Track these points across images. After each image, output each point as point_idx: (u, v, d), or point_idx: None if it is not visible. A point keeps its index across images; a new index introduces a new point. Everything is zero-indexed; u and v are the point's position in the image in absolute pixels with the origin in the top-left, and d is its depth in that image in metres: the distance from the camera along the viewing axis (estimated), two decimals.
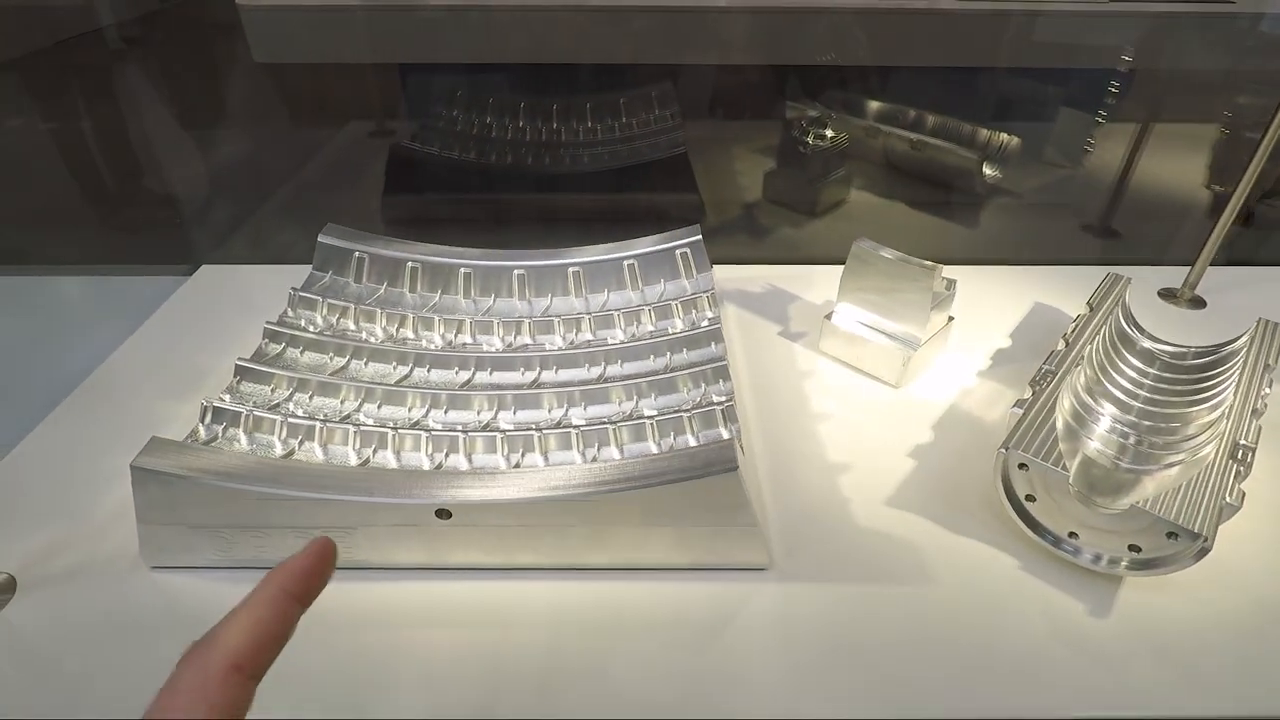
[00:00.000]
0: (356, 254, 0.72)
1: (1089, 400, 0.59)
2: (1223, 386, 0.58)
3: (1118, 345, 0.66)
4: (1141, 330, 0.70)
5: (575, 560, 0.50)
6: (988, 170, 1.06)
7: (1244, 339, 0.64)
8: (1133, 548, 0.48)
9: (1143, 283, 0.86)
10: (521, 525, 0.48)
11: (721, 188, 1.08)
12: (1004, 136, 1.08)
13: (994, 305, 0.81)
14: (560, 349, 0.66)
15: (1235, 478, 0.49)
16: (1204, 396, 0.59)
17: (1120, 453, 0.56)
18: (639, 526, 0.48)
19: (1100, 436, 0.57)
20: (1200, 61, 1.07)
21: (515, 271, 0.73)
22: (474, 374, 0.64)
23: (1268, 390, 0.57)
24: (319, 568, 0.28)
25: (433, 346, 0.66)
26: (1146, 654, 0.46)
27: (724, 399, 0.58)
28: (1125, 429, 0.58)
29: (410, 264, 0.72)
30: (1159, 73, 1.04)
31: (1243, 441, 0.51)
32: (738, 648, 0.46)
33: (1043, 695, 0.44)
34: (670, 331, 0.66)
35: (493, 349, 0.67)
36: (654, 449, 0.56)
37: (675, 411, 0.56)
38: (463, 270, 0.73)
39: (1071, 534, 0.51)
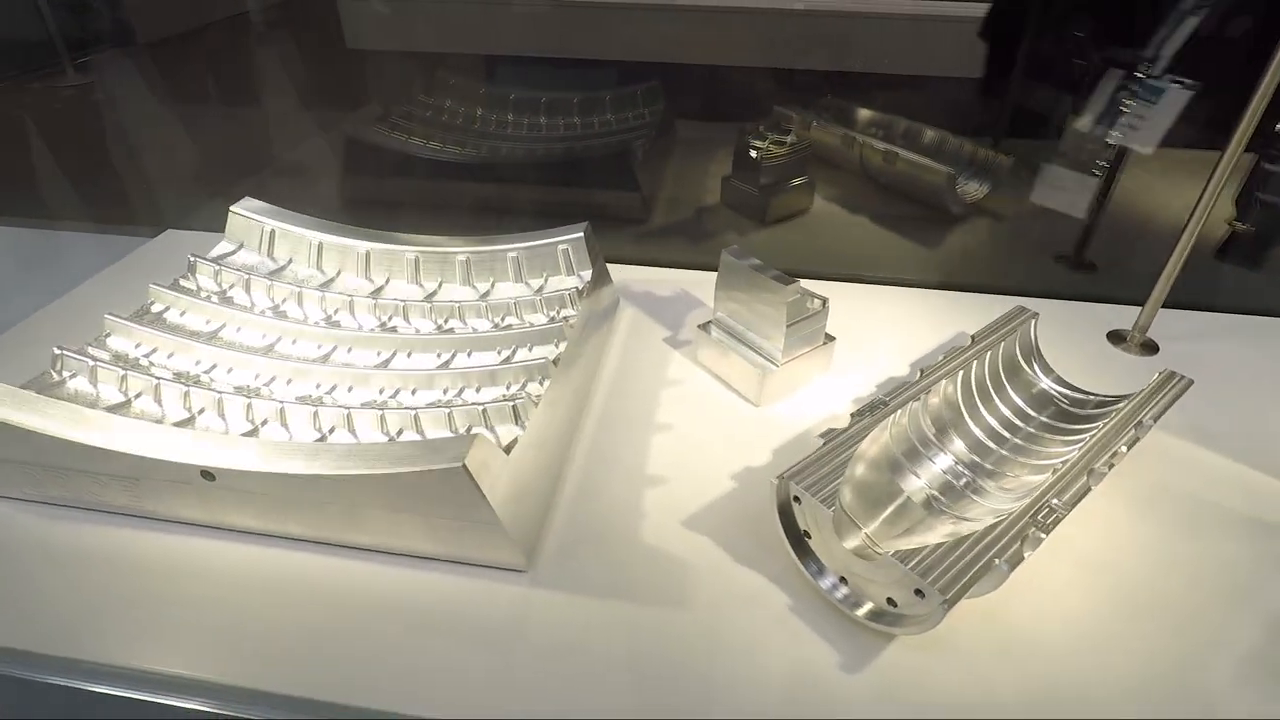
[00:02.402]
0: (265, 227, 0.76)
1: (929, 435, 0.55)
2: (1076, 441, 0.52)
3: (1002, 383, 0.61)
4: (1044, 370, 0.63)
5: (340, 537, 0.51)
6: (964, 188, 0.98)
7: (1140, 392, 0.57)
8: (890, 601, 0.44)
9: (1098, 321, 0.78)
10: (277, 496, 0.49)
11: (684, 189, 1.06)
12: (990, 154, 1.00)
13: (910, 331, 0.76)
14: (420, 335, 0.67)
15: (1024, 541, 0.43)
16: (1058, 450, 0.53)
17: (944, 493, 0.52)
18: (389, 511, 0.48)
19: (932, 474, 0.53)
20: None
21: (409, 256, 0.75)
22: (334, 350, 0.67)
23: (1124, 450, 0.51)
24: None
25: (303, 321, 0.69)
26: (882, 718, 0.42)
27: (525, 397, 0.57)
28: (963, 470, 0.53)
29: (313, 241, 0.76)
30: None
31: (1055, 502, 0.46)
32: (467, 644, 0.46)
33: None
34: (514, 327, 0.66)
35: (366, 329, 0.69)
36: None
37: (475, 404, 0.56)
38: (360, 251, 0.75)
39: (842, 579, 0.47)
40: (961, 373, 0.58)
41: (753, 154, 0.93)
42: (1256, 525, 0.55)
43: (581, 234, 0.72)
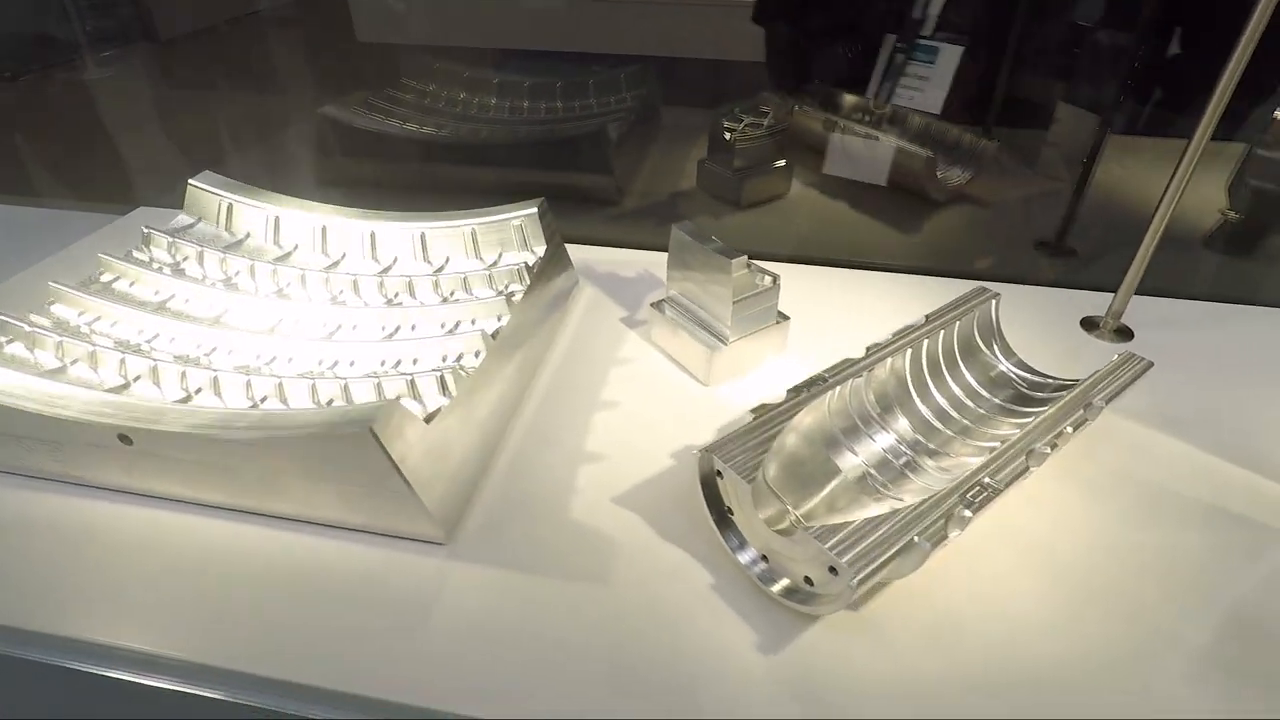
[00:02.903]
0: (222, 201, 0.75)
1: (871, 412, 0.53)
2: (1027, 423, 0.50)
3: (956, 363, 0.59)
4: (1004, 353, 0.61)
5: (261, 505, 0.50)
6: (946, 173, 0.96)
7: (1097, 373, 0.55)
8: (807, 579, 0.42)
9: (1075, 308, 0.75)
10: (194, 461, 0.48)
11: (662, 173, 1.05)
12: (973, 138, 0.97)
13: (876, 314, 0.73)
14: (367, 308, 0.66)
15: (949, 520, 0.41)
16: (1009, 433, 0.51)
17: (881, 470, 0.50)
18: (305, 479, 0.47)
19: (871, 451, 0.51)
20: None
21: (365, 230, 0.74)
22: (280, 322, 0.66)
23: (1070, 430, 0.48)
24: None
25: (254, 293, 0.68)
26: (787, 701, 0.40)
27: (456, 369, 0.56)
28: (904, 449, 0.51)
29: (270, 215, 0.75)
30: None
31: (986, 481, 0.44)
32: (377, 615, 0.45)
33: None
34: (462, 301, 0.65)
35: (315, 301, 0.68)
36: None
37: (404, 375, 0.55)
38: (316, 226, 0.74)
39: (764, 556, 0.45)
40: (910, 351, 0.55)
41: (726, 136, 0.91)
42: (1218, 515, 0.52)
43: (535, 210, 0.70)
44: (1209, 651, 0.44)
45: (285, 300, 0.68)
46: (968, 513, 0.41)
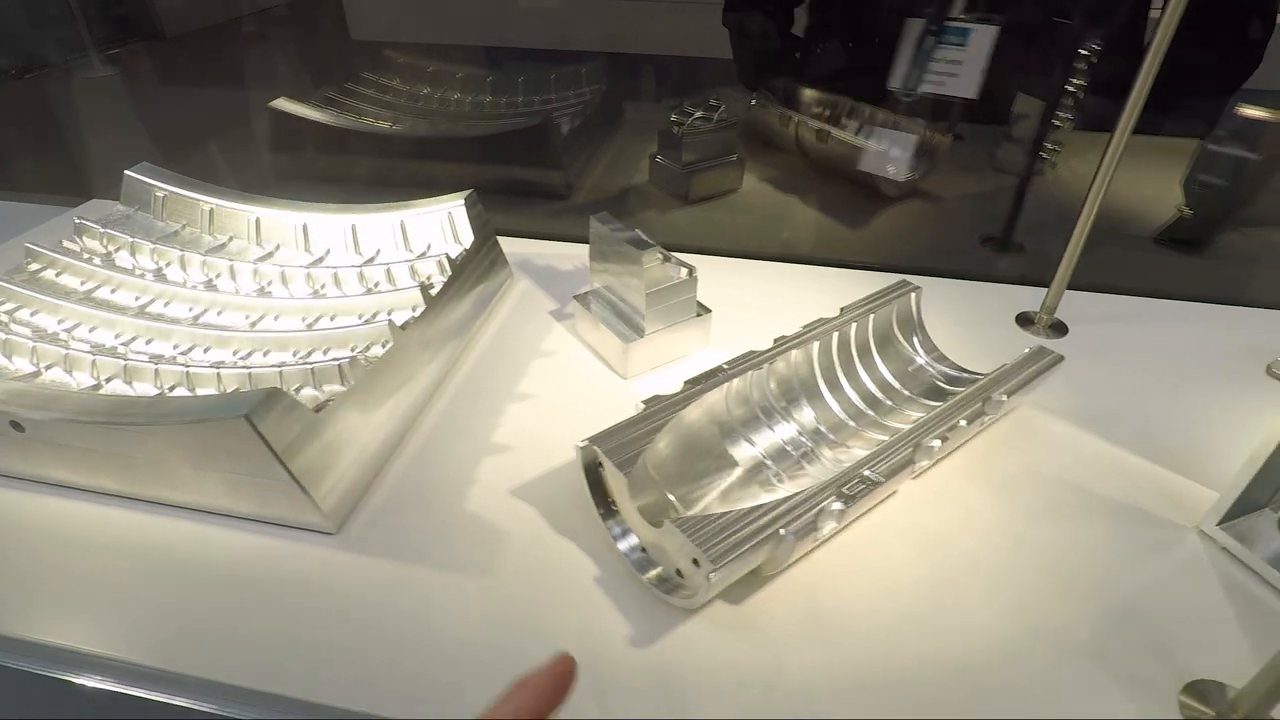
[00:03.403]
0: (157, 192, 0.76)
1: (772, 403, 0.52)
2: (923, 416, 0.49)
3: (871, 355, 0.58)
4: (925, 347, 0.61)
5: (154, 494, 0.50)
6: (894, 168, 0.95)
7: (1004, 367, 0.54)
8: (678, 571, 0.42)
9: (1015, 303, 0.74)
10: (85, 448, 0.48)
11: (616, 168, 1.04)
12: (929, 133, 0.96)
13: (810, 307, 0.72)
14: (292, 299, 0.67)
15: (820, 514, 0.41)
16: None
17: (777, 460, 0.49)
18: (194, 468, 0.47)
19: (770, 442, 0.51)
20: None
21: (297, 222, 0.74)
22: (204, 313, 0.66)
23: (964, 424, 0.47)
24: (560, 690, 0.29)
25: (182, 284, 0.69)
26: (649, 693, 0.40)
27: (358, 359, 0.56)
28: (804, 440, 0.51)
29: (204, 207, 0.75)
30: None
31: (867, 473, 0.43)
32: (260, 604, 0.45)
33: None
34: (385, 292, 0.65)
35: (243, 293, 0.69)
36: None
37: (305, 365, 0.55)
38: (250, 218, 0.74)
39: (643, 548, 0.45)
40: (818, 344, 0.55)
41: (675, 130, 0.91)
42: (1123, 511, 0.52)
43: (463, 203, 0.70)
44: (1091, 646, 0.43)
45: (213, 291, 0.68)
46: (837, 505, 0.40)
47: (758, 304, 0.74)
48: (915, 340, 0.61)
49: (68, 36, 1.28)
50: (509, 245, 0.84)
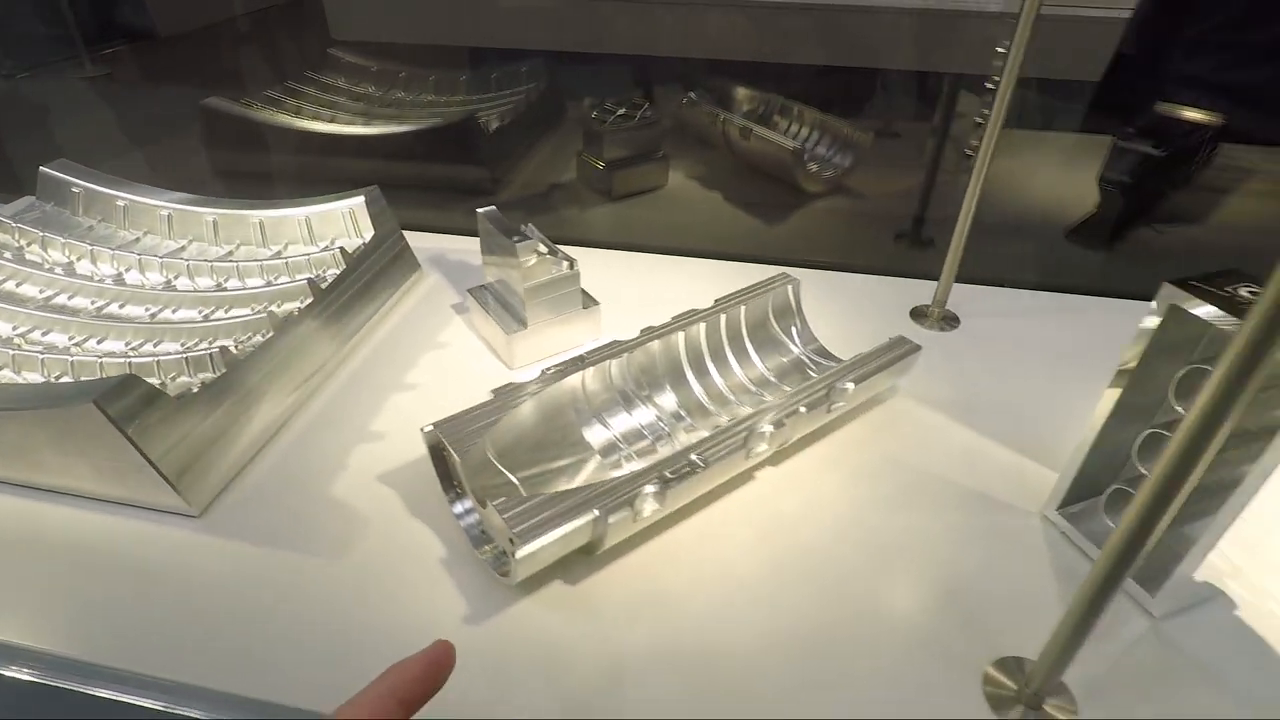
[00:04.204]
0: (73, 188, 0.77)
1: (629, 390, 0.54)
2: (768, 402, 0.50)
3: (744, 345, 0.59)
4: (804, 338, 0.62)
5: (23, 477, 0.52)
6: (818, 165, 0.96)
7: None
8: (504, 551, 0.43)
9: (918, 297, 0.75)
10: None
11: (547, 166, 1.06)
12: (851, 130, 0.98)
13: (705, 301, 0.74)
14: (195, 291, 0.68)
15: (637, 497, 0.42)
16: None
17: (631, 443, 0.51)
18: (58, 453, 0.49)
19: (627, 426, 0.52)
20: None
21: (208, 218, 0.75)
22: (107, 305, 0.68)
23: (803, 410, 0.49)
24: (433, 675, 0.29)
25: (90, 277, 0.70)
26: (474, 669, 0.41)
27: (221, 347, 0.57)
28: (663, 426, 0.52)
29: (120, 202, 0.77)
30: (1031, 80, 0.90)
31: (694, 458, 0.44)
32: (117, 584, 0.46)
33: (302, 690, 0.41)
34: (282, 284, 0.66)
35: (149, 286, 0.70)
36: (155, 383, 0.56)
37: (179, 355, 0.56)
38: (163, 214, 0.76)
39: (483, 529, 0.46)
40: (684, 333, 0.56)
41: (597, 128, 0.92)
42: (976, 498, 0.53)
43: (363, 198, 0.72)
44: (912, 627, 0.44)
45: (120, 285, 0.70)
46: (649, 488, 0.41)
47: (663, 298, 0.74)
48: (794, 331, 0.62)
49: (59, 36, 1.29)
50: (430, 240, 0.85)
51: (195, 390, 0.51)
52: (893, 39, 1.03)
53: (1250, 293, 0.41)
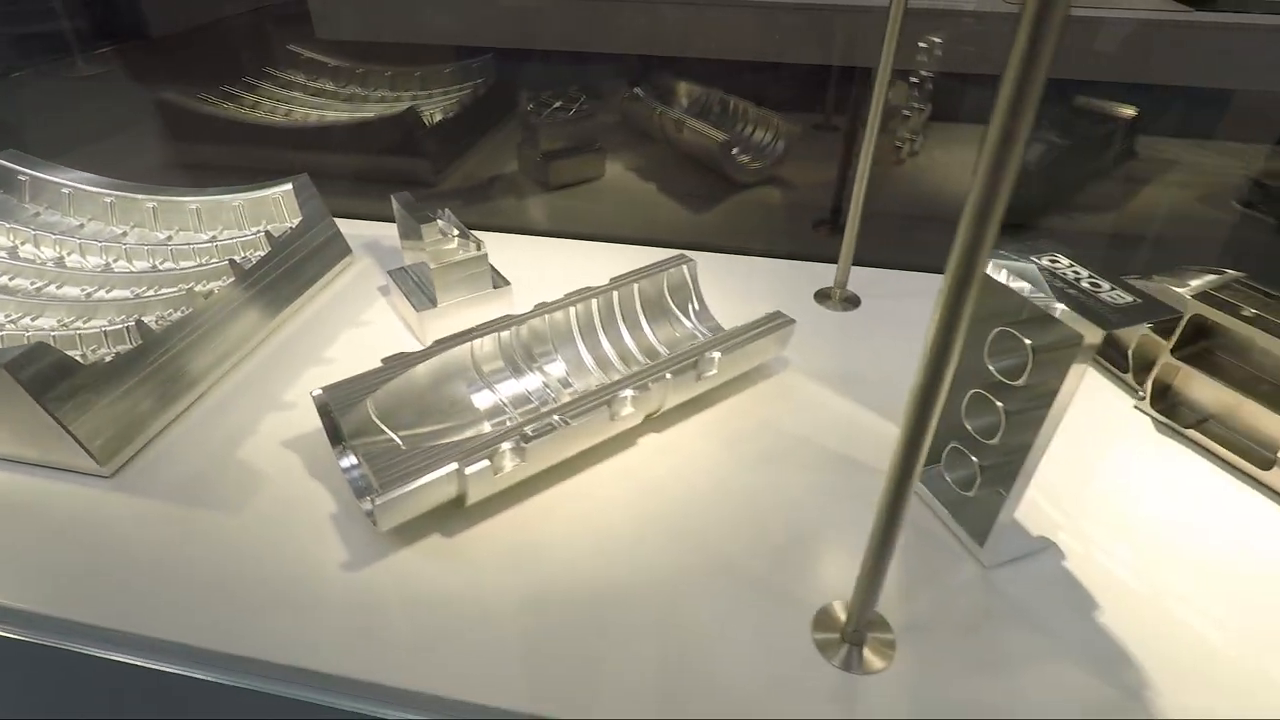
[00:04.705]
0: (20, 177, 0.81)
1: (516, 358, 0.57)
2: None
3: (638, 320, 0.63)
4: (700, 316, 0.65)
5: None
6: (747, 156, 1.00)
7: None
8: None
9: (821, 281, 0.79)
10: None
11: (491, 158, 1.09)
12: (779, 122, 1.01)
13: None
14: (130, 272, 0.72)
15: (496, 454, 0.46)
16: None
17: (516, 405, 0.54)
18: None
19: (514, 392, 0.56)
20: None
21: (148, 205, 0.79)
22: (45, 285, 0.71)
23: (669, 376, 0.52)
24: None
25: (32, 260, 0.74)
26: (349, 611, 0.45)
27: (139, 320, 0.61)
28: (549, 393, 0.56)
29: (65, 190, 0.80)
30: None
31: (555, 419, 0.48)
32: (39, 535, 0.50)
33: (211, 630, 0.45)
34: (212, 265, 0.70)
35: (88, 269, 0.74)
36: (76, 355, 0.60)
37: (99, 329, 0.60)
38: (105, 201, 0.80)
39: (367, 483, 0.50)
40: (576, 308, 0.60)
41: (531, 121, 0.96)
42: (841, 461, 0.56)
43: (290, 185, 0.75)
44: (757, 576, 0.47)
45: (60, 268, 0.73)
46: (507, 444, 0.45)
47: (580, 280, 0.78)
48: (690, 309, 0.66)
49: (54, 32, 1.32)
50: (368, 228, 0.89)
51: (107, 361, 0.54)
52: (826, 35, 1.06)
53: (1052, 260, 0.45)
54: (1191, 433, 0.58)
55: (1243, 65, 0.93)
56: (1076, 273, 0.43)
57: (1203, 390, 0.58)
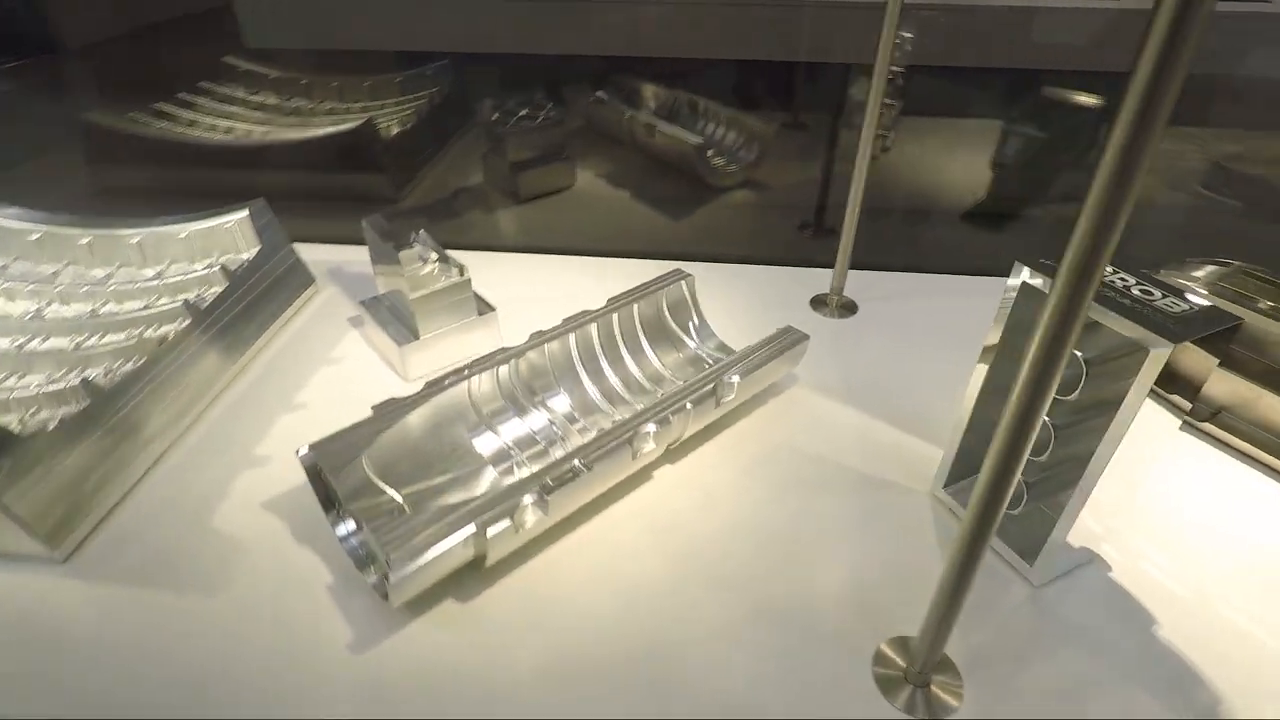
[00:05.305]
0: None
1: (518, 395, 0.53)
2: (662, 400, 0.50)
3: (639, 343, 0.59)
4: (702, 334, 0.62)
5: None
6: (723, 159, 0.97)
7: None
8: (386, 573, 0.42)
9: (814, 287, 0.76)
10: None
11: (456, 170, 1.04)
12: (755, 123, 0.99)
13: (597, 303, 0.74)
14: (65, 318, 0.64)
15: (518, 509, 0.41)
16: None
17: (522, 448, 0.50)
18: None
19: (517, 434, 0.51)
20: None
21: (83, 241, 0.71)
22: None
23: (689, 406, 0.49)
24: None
25: None
26: (359, 700, 0.40)
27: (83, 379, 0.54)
28: (557, 430, 0.51)
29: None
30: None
31: (576, 464, 0.44)
32: None
33: None
34: (162, 305, 0.63)
35: (15, 315, 0.66)
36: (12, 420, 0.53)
37: (36, 390, 0.53)
38: (32, 238, 0.72)
39: (369, 552, 0.45)
40: (575, 335, 0.56)
41: (496, 131, 0.91)
42: (866, 481, 0.54)
43: (246, 212, 0.69)
44: (804, 615, 0.44)
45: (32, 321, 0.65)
46: (529, 498, 0.41)
47: (566, 300, 0.73)
48: (691, 327, 0.62)
49: None
50: (328, 253, 0.82)
51: (51, 428, 0.48)
52: (795, 31, 1.04)
53: None
54: (1207, 426, 0.57)
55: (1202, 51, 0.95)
56: (1124, 279, 0.41)
57: (1218, 384, 0.58)
